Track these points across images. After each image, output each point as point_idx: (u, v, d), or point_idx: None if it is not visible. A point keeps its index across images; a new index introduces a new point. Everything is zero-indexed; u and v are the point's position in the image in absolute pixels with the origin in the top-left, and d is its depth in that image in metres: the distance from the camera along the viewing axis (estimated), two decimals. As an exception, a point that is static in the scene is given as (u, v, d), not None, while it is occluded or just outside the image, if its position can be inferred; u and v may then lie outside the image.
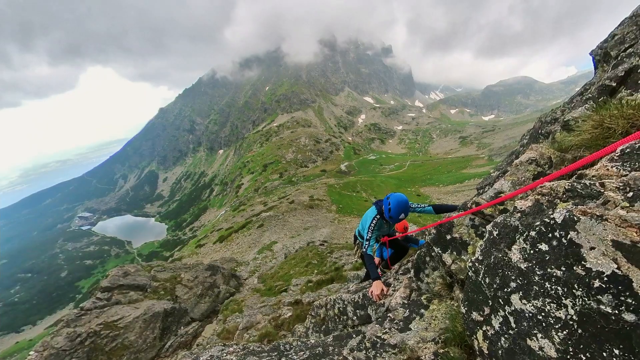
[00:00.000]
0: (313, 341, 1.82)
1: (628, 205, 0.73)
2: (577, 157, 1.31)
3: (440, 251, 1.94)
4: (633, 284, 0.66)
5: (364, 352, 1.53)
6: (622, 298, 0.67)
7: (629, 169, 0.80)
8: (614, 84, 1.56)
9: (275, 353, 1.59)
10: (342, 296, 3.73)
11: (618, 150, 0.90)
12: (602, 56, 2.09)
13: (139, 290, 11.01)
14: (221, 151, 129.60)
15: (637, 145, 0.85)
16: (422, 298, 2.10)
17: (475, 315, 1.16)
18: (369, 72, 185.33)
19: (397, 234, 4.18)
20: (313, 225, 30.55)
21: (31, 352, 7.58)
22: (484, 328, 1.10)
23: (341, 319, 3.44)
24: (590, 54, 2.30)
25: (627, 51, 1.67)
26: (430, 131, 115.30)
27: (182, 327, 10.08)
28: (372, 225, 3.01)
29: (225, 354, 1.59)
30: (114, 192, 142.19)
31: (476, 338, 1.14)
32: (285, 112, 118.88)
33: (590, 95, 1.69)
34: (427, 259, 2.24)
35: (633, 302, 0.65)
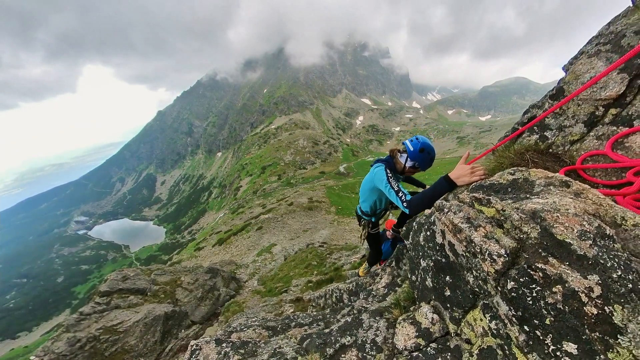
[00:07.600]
0: (315, 313, 2.46)
1: (446, 213, 1.41)
2: None
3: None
4: (445, 247, 1.41)
5: (352, 315, 2.16)
6: (443, 252, 1.45)
7: (471, 196, 1.41)
8: (520, 127, 2.12)
9: (287, 320, 2.23)
10: (339, 286, 4.41)
11: (472, 185, 1.58)
12: (571, 71, 2.40)
13: (139, 294, 10.95)
14: (219, 153, 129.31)
15: (479, 184, 1.51)
16: (398, 280, 2.76)
17: (413, 277, 1.88)
18: (367, 74, 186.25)
19: (387, 233, 4.11)
20: (312, 227, 30.50)
21: (32, 357, 7.52)
22: (416, 283, 1.82)
23: (338, 305, 3.93)
24: (563, 68, 2.44)
25: (532, 105, 2.31)
26: (427, 132, 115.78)
27: (182, 330, 10.02)
28: (389, 175, 2.36)
29: (250, 322, 2.15)
30: (111, 195, 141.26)
31: (414, 291, 1.88)
32: (284, 114, 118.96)
33: (506, 134, 2.32)
34: (405, 250, 2.81)
35: (444, 254, 1.43)
